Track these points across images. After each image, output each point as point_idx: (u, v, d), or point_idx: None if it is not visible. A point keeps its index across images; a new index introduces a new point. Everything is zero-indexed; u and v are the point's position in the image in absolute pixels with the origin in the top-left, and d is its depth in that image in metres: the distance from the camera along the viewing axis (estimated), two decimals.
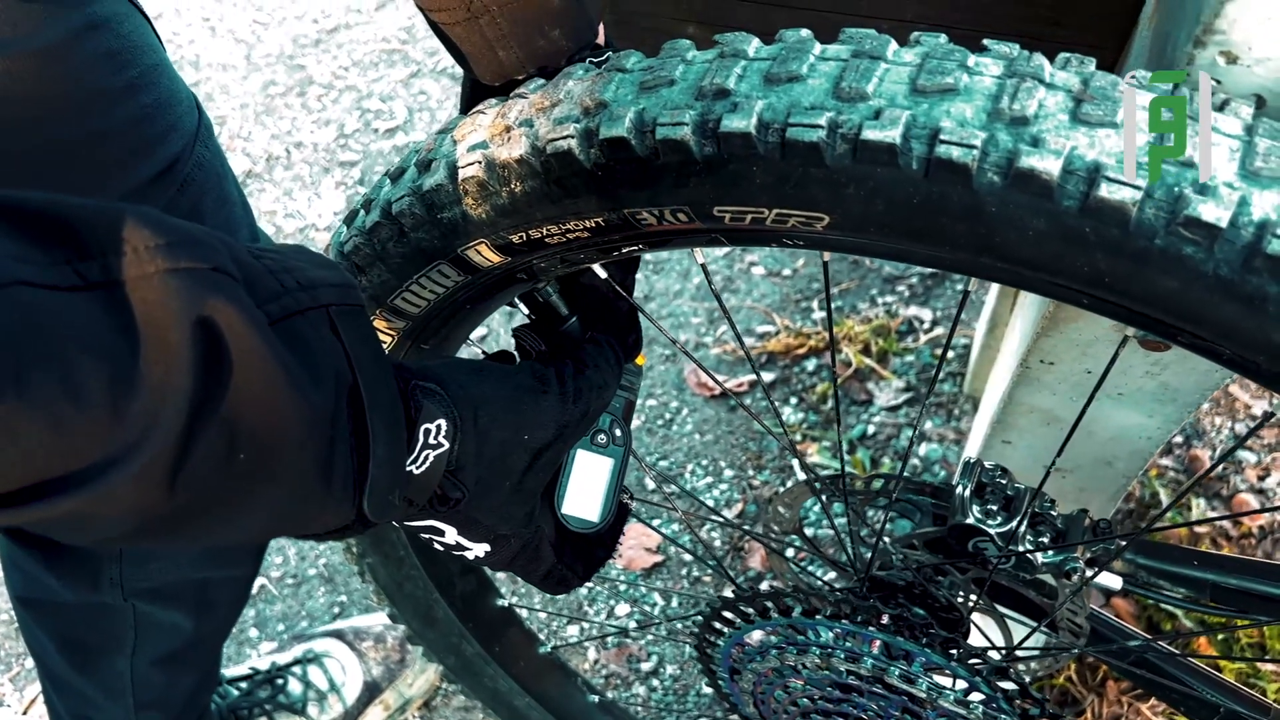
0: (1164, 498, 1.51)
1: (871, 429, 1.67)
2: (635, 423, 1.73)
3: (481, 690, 1.17)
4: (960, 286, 1.88)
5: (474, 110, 0.63)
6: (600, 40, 0.71)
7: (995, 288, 1.51)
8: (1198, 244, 0.44)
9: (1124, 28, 0.69)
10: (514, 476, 0.59)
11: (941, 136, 0.46)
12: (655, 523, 1.60)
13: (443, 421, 0.54)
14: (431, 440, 0.54)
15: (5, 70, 0.59)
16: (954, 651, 0.75)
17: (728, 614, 0.82)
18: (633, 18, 0.88)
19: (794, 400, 1.72)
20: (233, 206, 0.77)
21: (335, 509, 0.49)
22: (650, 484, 1.64)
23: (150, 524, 0.41)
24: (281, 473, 0.45)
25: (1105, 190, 0.44)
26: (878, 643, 0.76)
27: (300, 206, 2.27)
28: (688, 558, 1.54)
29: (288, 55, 2.67)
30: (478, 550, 0.63)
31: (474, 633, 1.10)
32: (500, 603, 1.11)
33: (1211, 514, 1.53)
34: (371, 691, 1.41)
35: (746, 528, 1.41)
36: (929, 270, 1.90)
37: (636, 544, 1.57)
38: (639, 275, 1.95)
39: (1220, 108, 0.47)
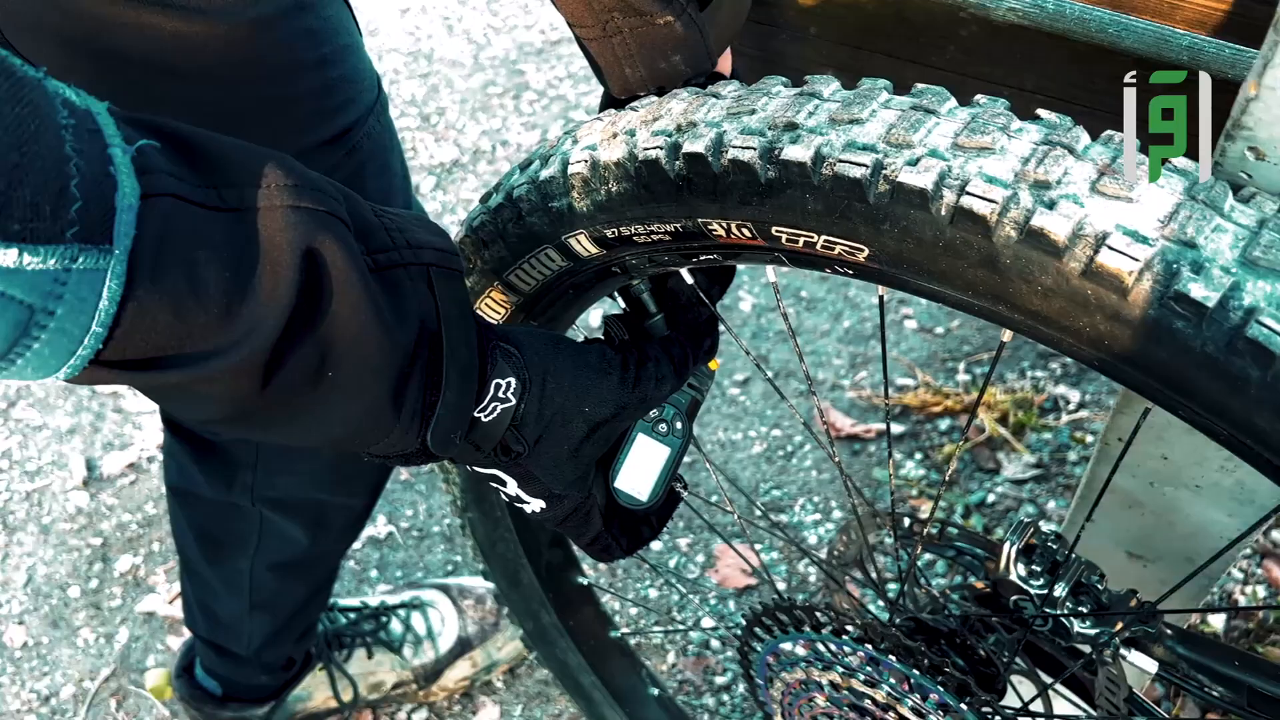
0: None
1: (992, 498, 1.66)
2: (756, 449, 1.78)
3: (553, 660, 1.25)
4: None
5: (595, 117, 0.71)
6: (726, 71, 0.78)
7: None
8: (1187, 319, 0.47)
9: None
10: (572, 442, 0.67)
11: (969, 188, 0.51)
12: (757, 547, 1.64)
13: (513, 380, 0.62)
14: (501, 395, 0.62)
15: (224, 35, 0.71)
16: (968, 698, 0.77)
17: (767, 620, 0.87)
18: (780, 58, 0.95)
19: (918, 456, 1.73)
20: (393, 177, 0.89)
21: (401, 436, 0.57)
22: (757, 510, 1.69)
23: (245, 413, 0.50)
24: (360, 393, 0.53)
25: (1107, 257, 0.48)
26: (897, 673, 0.79)
27: None
28: (780, 584, 1.58)
29: (511, 60, 2.86)
30: (535, 505, 0.70)
31: (553, 603, 1.18)
32: (581, 580, 1.19)
33: None
34: (463, 646, 1.51)
35: (797, 542, 1.44)
36: None
37: (734, 564, 1.61)
38: (790, 309, 2.00)
39: (1246, 200, 0.50)
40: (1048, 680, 0.81)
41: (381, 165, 0.87)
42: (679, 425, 0.76)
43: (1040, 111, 0.55)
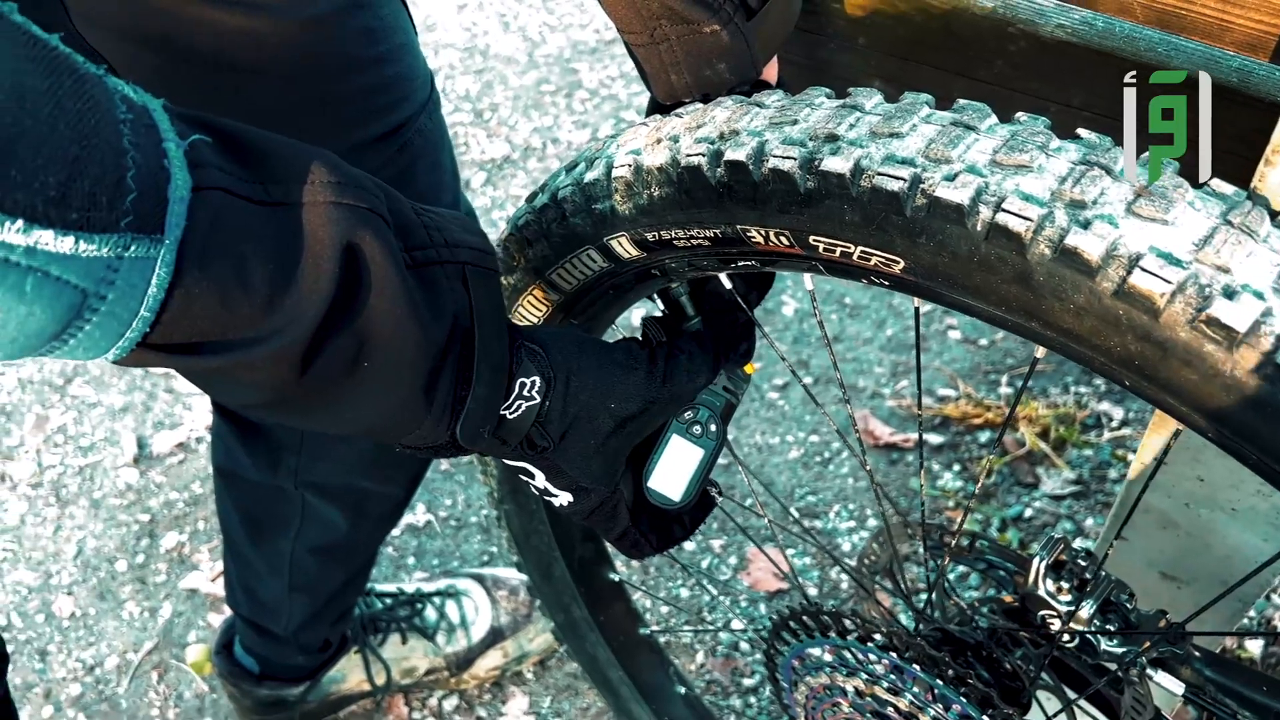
0: None
1: (1029, 513, 1.65)
2: (793, 454, 1.78)
3: (582, 654, 1.26)
4: None
5: (641, 121, 0.72)
6: (772, 79, 0.79)
7: None
8: (1218, 343, 0.47)
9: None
10: (598, 437, 0.68)
11: (1004, 205, 0.52)
12: (789, 552, 1.64)
13: (537, 379, 0.63)
14: (526, 393, 0.63)
15: (283, 32, 0.74)
16: (990, 710, 0.77)
17: (793, 624, 0.88)
18: (828, 66, 0.95)
19: (956, 467, 1.72)
20: (442, 173, 0.91)
21: (432, 427, 0.59)
22: (794, 513, 1.69)
23: (283, 399, 0.52)
24: (394, 384, 0.55)
25: (1139, 278, 0.48)
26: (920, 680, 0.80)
27: None
28: (811, 590, 1.58)
29: (565, 58, 2.88)
30: (562, 499, 0.71)
31: (584, 597, 1.20)
32: (613, 576, 1.20)
33: None
34: (495, 636, 1.53)
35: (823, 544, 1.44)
36: None
37: (767, 567, 1.62)
38: (833, 315, 2.00)
39: None
40: (1072, 696, 0.81)
41: (432, 162, 0.89)
42: (713, 428, 0.77)
43: (1080, 131, 0.55)
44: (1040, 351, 0.61)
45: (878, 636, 0.82)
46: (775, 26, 0.72)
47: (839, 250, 0.60)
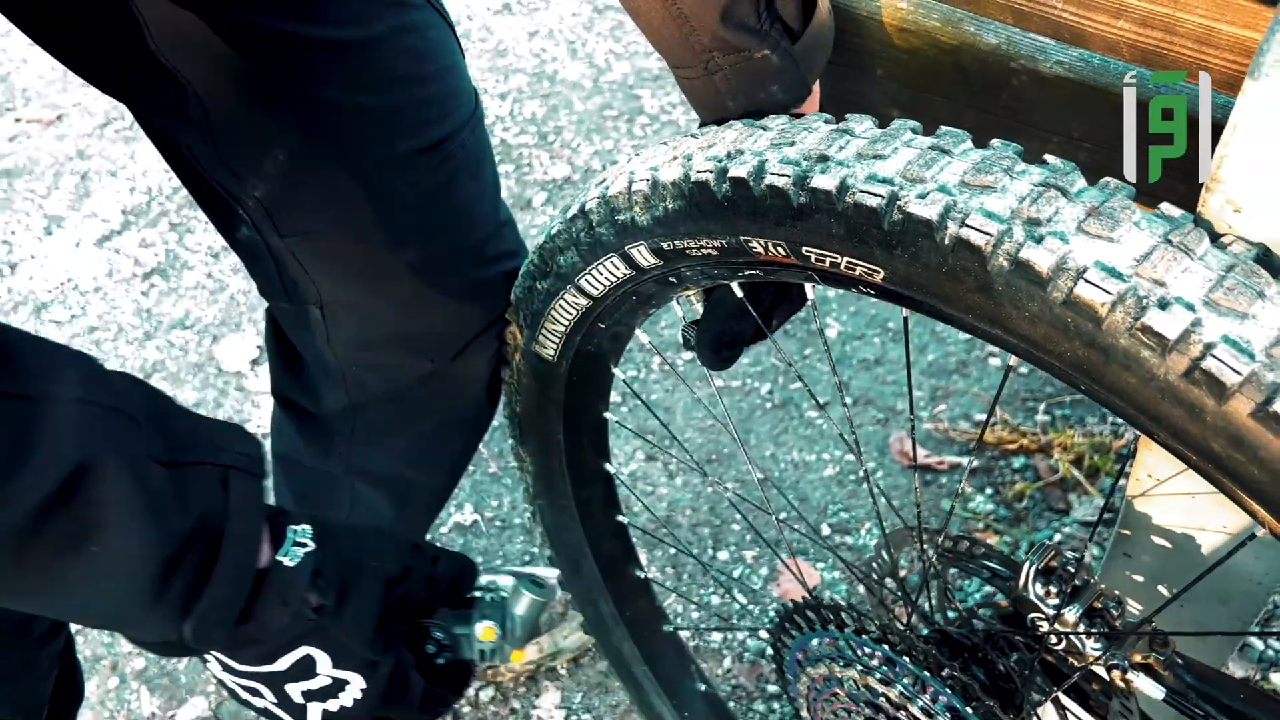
0: None
1: (1058, 538, 1.67)
2: (828, 471, 1.82)
3: (609, 649, 1.32)
4: None
5: (663, 141, 0.79)
6: (814, 110, 0.85)
7: None
8: (1152, 349, 0.52)
9: None
10: (371, 600, 0.70)
11: (968, 221, 0.57)
12: (819, 566, 1.69)
13: (308, 526, 0.68)
14: (299, 538, 0.67)
15: (338, 49, 0.82)
16: (974, 703, 0.82)
17: (797, 618, 0.93)
18: (852, 95, 1.01)
19: (989, 490, 1.75)
20: (483, 185, 0.98)
21: (160, 620, 0.60)
22: (825, 529, 1.73)
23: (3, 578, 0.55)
24: (122, 573, 0.57)
25: (1084, 289, 0.54)
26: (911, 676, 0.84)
27: None
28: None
29: (628, 85, 2.97)
30: (355, 685, 0.70)
31: (611, 593, 1.26)
32: (639, 574, 1.26)
33: None
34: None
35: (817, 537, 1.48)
36: None
37: (797, 579, 1.66)
38: (876, 339, 2.04)
39: (1224, 246, 0.55)
40: (1054, 691, 0.84)
41: (473, 174, 0.96)
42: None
43: (1046, 157, 0.60)
44: (1013, 361, 0.66)
45: (872, 630, 0.87)
46: (816, 49, 0.78)
47: (828, 261, 0.66)
